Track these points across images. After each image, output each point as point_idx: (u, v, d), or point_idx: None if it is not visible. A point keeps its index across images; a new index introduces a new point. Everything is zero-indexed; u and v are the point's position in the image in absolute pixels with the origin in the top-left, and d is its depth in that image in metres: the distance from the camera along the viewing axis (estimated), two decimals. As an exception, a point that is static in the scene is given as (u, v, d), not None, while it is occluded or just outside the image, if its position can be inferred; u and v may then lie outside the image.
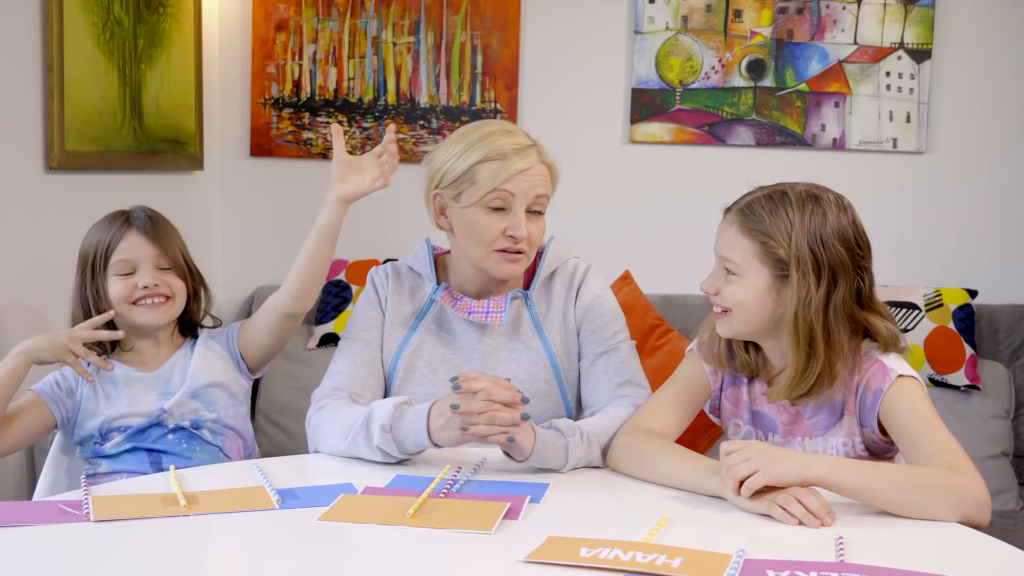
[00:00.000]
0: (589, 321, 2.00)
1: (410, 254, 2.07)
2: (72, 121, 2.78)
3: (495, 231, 1.90)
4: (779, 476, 1.54)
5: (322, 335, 3.27)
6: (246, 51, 3.59)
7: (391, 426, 1.76)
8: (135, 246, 2.06)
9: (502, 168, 1.88)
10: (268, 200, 3.63)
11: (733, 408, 1.88)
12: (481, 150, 1.89)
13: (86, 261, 2.08)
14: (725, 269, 1.76)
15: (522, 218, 1.89)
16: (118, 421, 2.05)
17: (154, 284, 2.06)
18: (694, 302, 3.29)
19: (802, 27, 3.39)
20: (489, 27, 3.49)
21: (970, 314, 3.15)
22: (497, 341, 1.98)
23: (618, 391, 1.94)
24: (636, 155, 3.49)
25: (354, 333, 2.01)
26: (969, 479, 1.56)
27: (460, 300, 1.97)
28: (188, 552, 1.43)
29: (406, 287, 2.03)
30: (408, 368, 1.97)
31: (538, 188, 1.90)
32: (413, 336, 1.99)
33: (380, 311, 2.02)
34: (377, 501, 1.60)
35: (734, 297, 1.74)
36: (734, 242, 1.74)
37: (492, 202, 1.89)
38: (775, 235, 1.70)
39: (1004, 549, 1.46)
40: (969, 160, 3.40)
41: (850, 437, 1.75)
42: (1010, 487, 2.92)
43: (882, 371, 1.71)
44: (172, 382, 2.09)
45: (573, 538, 1.44)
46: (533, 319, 1.99)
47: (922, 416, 1.66)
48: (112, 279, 2.06)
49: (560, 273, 2.02)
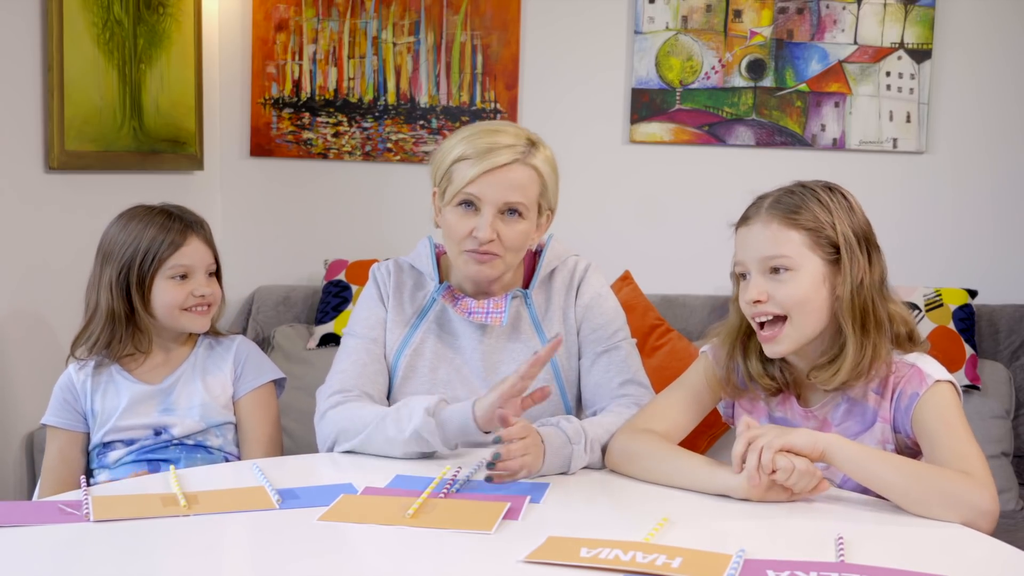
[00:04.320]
0: (589, 320, 1.98)
1: (412, 252, 2.06)
2: (72, 121, 2.78)
3: (463, 231, 1.87)
4: (794, 438, 1.58)
5: (322, 335, 3.27)
6: (246, 51, 3.59)
7: (434, 411, 1.77)
8: (197, 252, 2.02)
9: (471, 168, 1.85)
10: (268, 200, 3.63)
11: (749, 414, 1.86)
12: (464, 145, 1.88)
13: (129, 260, 2.00)
14: (771, 271, 1.71)
15: (487, 219, 1.85)
16: (120, 433, 2.05)
17: (209, 293, 2.04)
18: (694, 302, 3.29)
19: (802, 27, 3.39)
20: (489, 27, 3.49)
21: (970, 314, 3.15)
22: (497, 341, 1.97)
23: (620, 390, 1.93)
24: (636, 155, 3.48)
25: (359, 331, 1.99)
26: (978, 487, 1.55)
27: (461, 300, 1.96)
28: (188, 552, 1.43)
29: (408, 285, 2.02)
30: (409, 367, 1.97)
31: (507, 194, 1.85)
32: (414, 335, 1.98)
33: (383, 307, 2.01)
34: (377, 501, 1.60)
35: (792, 296, 1.69)
36: (780, 237, 1.70)
37: (459, 200, 1.87)
38: (820, 219, 1.71)
39: (1004, 549, 1.46)
40: (969, 160, 3.40)
41: (882, 444, 1.72)
42: (1010, 487, 2.92)
43: (918, 376, 1.69)
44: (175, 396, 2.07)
45: (573, 538, 1.44)
46: (533, 318, 1.98)
47: (948, 422, 1.65)
48: (163, 282, 2.01)
49: (560, 272, 2.01)
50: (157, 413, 2.05)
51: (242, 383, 2.12)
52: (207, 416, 2.07)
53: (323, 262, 3.46)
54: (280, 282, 3.58)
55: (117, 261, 2.01)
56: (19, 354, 2.67)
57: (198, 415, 2.06)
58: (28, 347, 2.69)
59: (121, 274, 2.01)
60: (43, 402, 2.11)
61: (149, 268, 2.00)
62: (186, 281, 2.02)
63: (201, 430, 2.06)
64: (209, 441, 2.07)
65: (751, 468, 1.58)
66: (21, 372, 2.68)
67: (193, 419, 2.05)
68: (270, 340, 3.30)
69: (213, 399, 2.08)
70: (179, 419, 2.05)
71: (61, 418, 2.06)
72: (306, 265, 3.58)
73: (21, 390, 2.68)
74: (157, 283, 2.01)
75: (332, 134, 3.57)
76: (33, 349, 2.70)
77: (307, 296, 3.46)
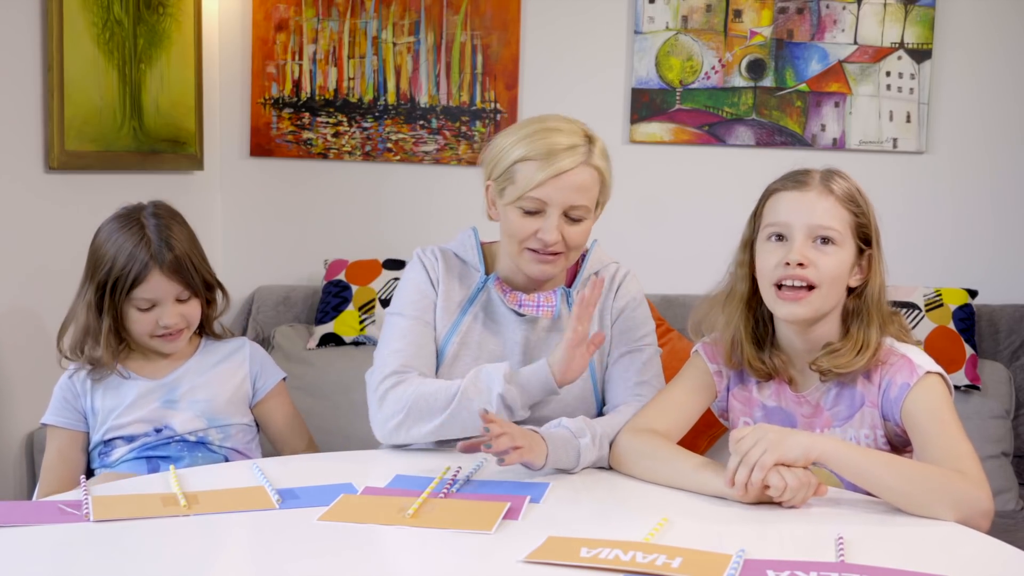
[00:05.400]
0: (622, 321, 2.01)
1: (452, 241, 2.05)
2: (72, 121, 2.78)
3: (527, 231, 1.88)
4: (786, 451, 1.56)
5: (322, 335, 3.27)
6: (246, 51, 3.59)
7: (510, 377, 1.82)
8: (159, 287, 2.01)
9: (538, 171, 1.85)
10: (268, 200, 3.63)
11: (743, 407, 1.87)
12: (526, 146, 1.87)
13: (103, 281, 2.01)
14: (820, 240, 1.73)
15: (554, 223, 1.86)
16: (121, 430, 2.05)
17: (175, 323, 2.04)
18: (694, 302, 3.25)
19: (802, 27, 3.39)
20: (489, 27, 3.49)
21: (970, 314, 3.15)
22: (538, 335, 1.97)
23: (634, 390, 1.95)
24: (636, 155, 3.48)
25: (410, 312, 1.97)
26: (974, 486, 1.56)
27: (509, 292, 1.97)
28: (188, 552, 1.43)
29: (455, 272, 2.01)
30: (455, 355, 1.96)
31: (573, 197, 1.86)
32: (463, 321, 1.98)
33: (434, 290, 1.99)
34: (377, 501, 1.60)
35: (831, 270, 1.72)
36: (836, 211, 1.74)
37: (525, 205, 1.87)
38: (863, 209, 1.77)
39: (1004, 549, 1.46)
40: (969, 160, 3.40)
41: (872, 430, 1.75)
42: (1010, 487, 2.92)
43: (909, 366, 1.71)
44: (178, 391, 2.07)
45: (573, 538, 1.44)
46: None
47: (940, 418, 1.66)
48: (131, 310, 2.02)
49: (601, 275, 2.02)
50: (158, 406, 2.05)
51: (262, 385, 2.15)
52: (211, 414, 2.07)
53: (323, 262, 3.46)
54: (280, 282, 3.58)
55: (96, 281, 2.03)
56: (19, 354, 2.67)
57: (201, 411, 2.06)
58: (28, 347, 2.69)
59: (100, 296, 2.03)
60: (43, 402, 2.11)
61: (120, 293, 2.01)
62: (152, 311, 2.03)
63: (203, 428, 2.06)
64: (211, 438, 2.07)
65: (740, 484, 1.58)
66: (21, 372, 2.68)
67: (196, 415, 2.06)
68: (270, 340, 3.30)
69: (221, 396, 2.08)
70: (180, 414, 2.05)
71: (61, 417, 2.06)
72: (306, 265, 3.58)
73: (21, 390, 2.68)
74: (126, 310, 2.03)
75: (332, 134, 3.57)
76: (33, 349, 2.70)
77: (307, 296, 3.46)
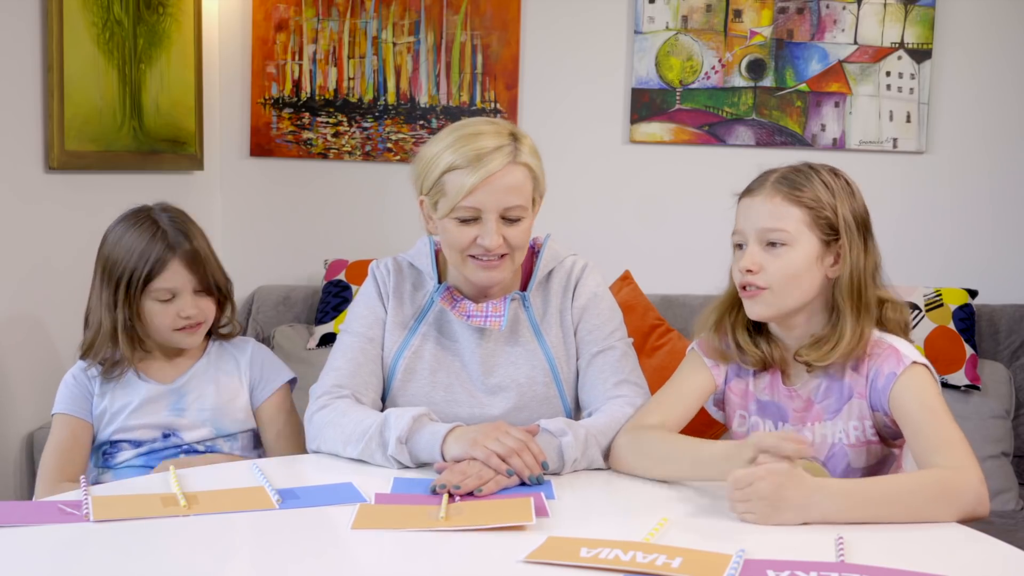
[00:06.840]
0: (586, 321, 1.97)
1: (411, 249, 2.04)
2: (72, 121, 2.78)
3: (467, 240, 1.84)
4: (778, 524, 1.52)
5: (322, 335, 3.27)
6: (246, 51, 3.59)
7: (407, 438, 1.77)
8: (178, 276, 2.01)
9: (467, 177, 1.80)
10: (268, 200, 3.63)
11: (739, 400, 1.88)
12: (451, 154, 1.82)
13: (118, 277, 2.01)
14: (768, 244, 1.74)
15: (492, 227, 1.82)
16: (128, 433, 2.04)
17: (196, 313, 2.04)
18: (694, 302, 3.29)
19: (802, 27, 3.39)
20: (489, 27, 3.49)
21: (970, 314, 3.15)
22: (495, 344, 1.96)
23: (615, 390, 1.92)
24: (636, 155, 3.49)
25: (356, 328, 1.98)
26: (966, 475, 1.57)
27: (460, 302, 1.94)
28: (188, 552, 1.43)
29: (408, 284, 2.00)
30: (408, 370, 1.96)
31: (507, 199, 1.82)
32: (413, 338, 1.97)
33: (383, 306, 1.99)
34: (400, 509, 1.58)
35: (783, 271, 1.72)
36: (781, 212, 1.73)
37: (460, 214, 1.83)
38: (822, 200, 1.74)
39: (1004, 549, 1.46)
40: (969, 160, 3.40)
41: (860, 421, 1.75)
42: (1010, 487, 2.92)
43: (895, 356, 1.71)
44: (186, 399, 2.06)
45: (573, 538, 1.44)
46: (531, 321, 1.97)
47: (930, 407, 1.67)
48: (151, 303, 2.01)
49: (557, 272, 2.00)
50: (167, 413, 2.04)
51: (261, 389, 2.13)
52: (218, 423, 2.06)
53: (323, 262, 3.46)
54: (280, 282, 3.58)
55: (112, 280, 2.02)
56: (19, 354, 2.67)
57: (209, 421, 2.06)
58: (28, 347, 2.69)
59: (116, 293, 2.02)
60: (43, 402, 2.11)
61: (136, 288, 2.00)
62: (172, 302, 2.02)
63: (211, 437, 2.06)
64: (219, 447, 2.06)
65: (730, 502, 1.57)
66: (21, 372, 2.68)
67: (204, 424, 2.05)
68: (270, 340, 3.30)
69: (226, 403, 2.08)
70: (189, 422, 2.04)
71: (71, 406, 2.05)
72: (306, 265, 3.59)
73: (21, 390, 2.68)
74: (145, 304, 2.02)
75: (332, 134, 3.57)
76: (33, 349, 2.70)
77: (307, 296, 3.47)
